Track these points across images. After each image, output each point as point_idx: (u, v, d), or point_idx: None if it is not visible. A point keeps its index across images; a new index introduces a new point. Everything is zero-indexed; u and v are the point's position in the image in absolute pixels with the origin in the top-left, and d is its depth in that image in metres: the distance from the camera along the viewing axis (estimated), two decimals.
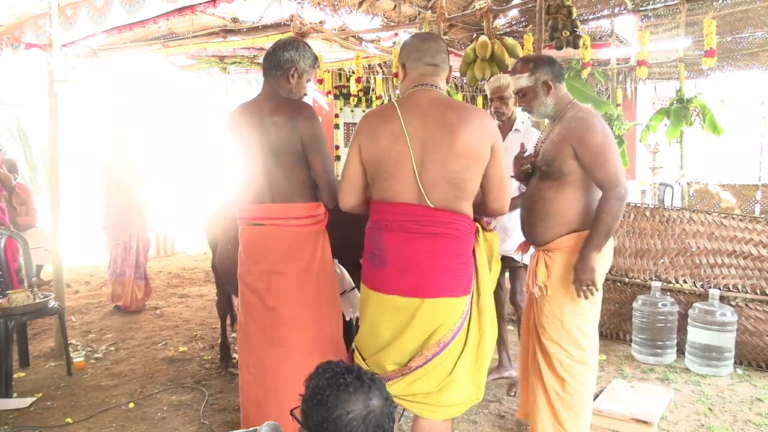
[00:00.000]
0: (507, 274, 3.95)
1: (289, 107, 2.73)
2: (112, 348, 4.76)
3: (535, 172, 2.76)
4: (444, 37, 6.43)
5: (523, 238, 3.63)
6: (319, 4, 6.70)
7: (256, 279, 2.78)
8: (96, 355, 4.57)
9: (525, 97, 2.73)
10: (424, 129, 2.22)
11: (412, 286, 2.22)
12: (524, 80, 2.69)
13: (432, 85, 2.32)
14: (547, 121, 2.90)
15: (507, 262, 3.69)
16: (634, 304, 4.41)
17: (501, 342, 3.99)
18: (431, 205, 2.21)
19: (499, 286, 3.87)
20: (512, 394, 3.67)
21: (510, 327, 5.08)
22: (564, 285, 2.64)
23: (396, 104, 2.28)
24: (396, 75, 6.87)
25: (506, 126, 3.77)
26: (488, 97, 3.86)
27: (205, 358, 4.46)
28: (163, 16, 5.42)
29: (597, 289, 2.58)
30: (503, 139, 3.71)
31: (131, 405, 3.66)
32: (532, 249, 2.91)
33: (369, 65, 9.01)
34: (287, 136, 2.66)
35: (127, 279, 5.79)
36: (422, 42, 2.39)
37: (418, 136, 2.21)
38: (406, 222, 2.23)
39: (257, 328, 2.80)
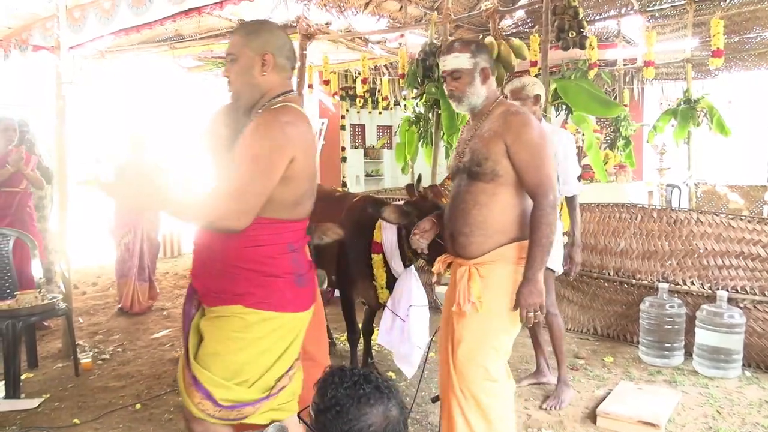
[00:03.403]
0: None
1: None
2: (119, 349, 4.78)
3: (461, 175, 2.46)
4: (450, 37, 6.42)
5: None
6: (325, 5, 6.70)
7: None
8: (103, 356, 4.59)
9: (459, 81, 2.42)
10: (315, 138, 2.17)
11: (315, 292, 2.27)
12: (464, 60, 2.41)
13: None
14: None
15: None
16: (642, 306, 4.39)
17: (537, 347, 3.92)
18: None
19: None
20: (545, 407, 3.54)
21: None
22: (498, 300, 2.37)
23: (302, 111, 2.07)
24: (402, 76, 6.86)
25: None
26: (507, 98, 3.81)
27: None
28: (170, 17, 5.44)
29: (544, 313, 2.35)
30: None
31: (138, 406, 3.67)
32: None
33: (375, 66, 9.02)
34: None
35: (129, 280, 5.79)
36: (289, 41, 2.15)
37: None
38: (306, 237, 2.21)
39: None
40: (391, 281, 3.66)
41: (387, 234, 3.57)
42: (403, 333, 3.51)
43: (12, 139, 5.24)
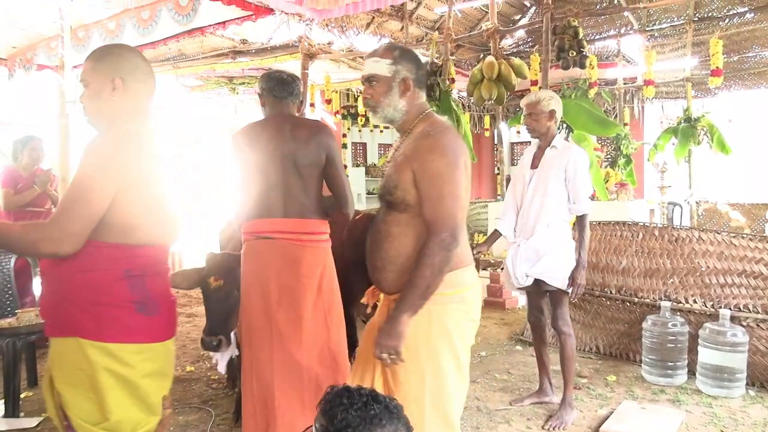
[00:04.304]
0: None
1: (311, 123, 2.94)
2: None
3: (381, 201, 2.20)
4: (451, 57, 6.47)
5: (552, 262, 3.53)
6: (327, 25, 6.78)
7: (264, 293, 2.76)
8: None
9: (374, 87, 2.15)
10: (166, 162, 2.08)
11: (173, 324, 2.15)
12: (382, 66, 2.13)
13: None
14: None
15: (543, 286, 3.58)
16: (644, 324, 4.37)
17: (542, 366, 3.89)
18: (169, 243, 2.16)
19: (540, 310, 3.80)
20: (547, 428, 3.49)
21: (519, 347, 5.05)
22: (423, 344, 2.05)
23: (149, 135, 2.03)
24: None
25: (544, 142, 3.66)
26: (523, 111, 3.80)
27: (212, 378, 4.45)
28: (174, 37, 5.49)
29: (402, 360, 1.98)
30: (541, 156, 3.63)
31: None
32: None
33: None
34: (312, 149, 2.78)
35: None
36: (145, 63, 2.09)
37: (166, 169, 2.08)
38: (159, 263, 2.10)
39: (264, 345, 2.76)
40: None
41: None
42: None
43: (39, 159, 5.27)
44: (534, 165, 3.66)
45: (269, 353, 2.74)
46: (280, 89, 2.94)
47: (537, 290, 3.68)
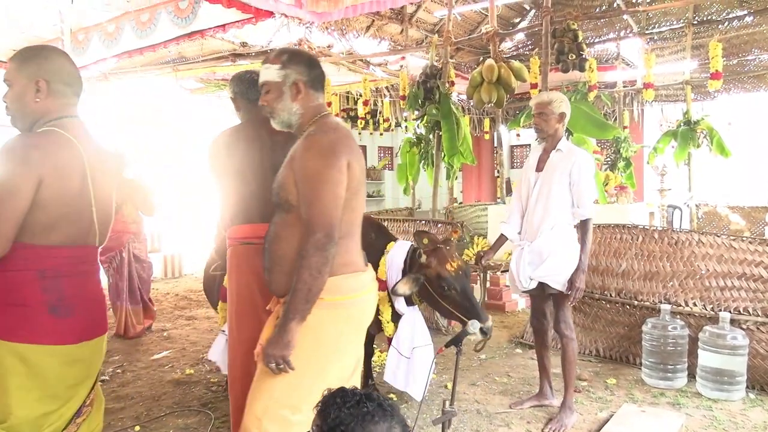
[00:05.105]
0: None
1: None
2: (118, 370, 4.75)
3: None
4: (451, 60, 6.49)
5: (555, 265, 3.52)
6: (327, 28, 6.80)
7: (251, 297, 2.72)
8: (102, 378, 4.55)
9: (268, 95, 2.14)
10: (94, 163, 2.09)
11: (92, 326, 2.15)
12: (272, 72, 2.11)
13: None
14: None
15: (547, 289, 3.56)
16: (644, 328, 4.37)
17: (543, 370, 3.87)
18: (97, 245, 2.18)
19: (543, 315, 3.78)
20: (547, 431, 3.47)
21: (519, 350, 5.05)
22: (301, 348, 1.99)
23: (71, 135, 2.04)
24: (403, 98, 6.93)
25: (550, 144, 3.63)
26: (531, 112, 3.76)
27: (211, 380, 4.45)
28: (174, 40, 5.50)
29: (291, 368, 1.97)
30: (546, 158, 3.60)
31: (137, 428, 3.64)
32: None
33: (376, 88, 9.10)
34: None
35: (120, 304, 5.67)
36: (71, 65, 2.13)
37: (92, 170, 2.08)
38: (80, 264, 2.11)
39: (254, 347, 2.74)
40: (396, 315, 3.61)
41: (392, 273, 3.54)
42: (409, 373, 3.47)
43: None
44: (539, 168, 3.63)
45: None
46: (254, 92, 2.84)
47: (541, 294, 3.66)
